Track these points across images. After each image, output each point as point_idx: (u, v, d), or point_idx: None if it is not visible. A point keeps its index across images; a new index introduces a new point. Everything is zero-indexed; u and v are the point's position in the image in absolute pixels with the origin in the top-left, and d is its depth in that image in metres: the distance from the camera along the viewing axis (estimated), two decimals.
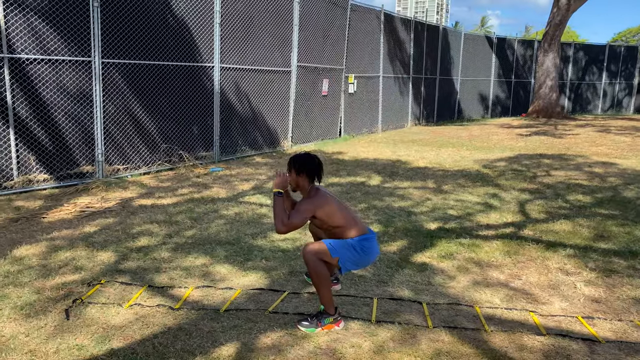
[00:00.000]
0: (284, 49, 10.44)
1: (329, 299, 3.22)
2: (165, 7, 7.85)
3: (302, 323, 3.22)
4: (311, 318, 3.23)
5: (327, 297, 3.22)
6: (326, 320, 3.21)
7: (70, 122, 6.86)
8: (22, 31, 6.23)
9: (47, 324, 3.17)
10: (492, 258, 4.63)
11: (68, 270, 4.05)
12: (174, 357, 2.82)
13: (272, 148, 10.55)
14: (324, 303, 3.22)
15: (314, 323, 3.20)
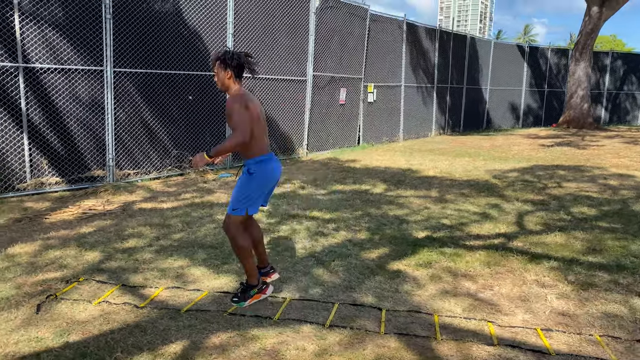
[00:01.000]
0: (300, 58, 10.61)
1: (251, 270, 3.38)
2: (177, 19, 8.14)
3: (233, 299, 3.43)
4: (240, 293, 3.41)
5: (249, 268, 3.38)
6: (252, 292, 3.42)
7: (82, 128, 7.20)
8: (36, 42, 6.61)
9: (16, 317, 3.38)
10: (470, 268, 4.62)
11: (53, 268, 4.28)
12: (122, 352, 2.97)
13: (287, 155, 10.70)
14: (247, 274, 3.39)
15: (241, 297, 3.39)
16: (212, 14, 8.64)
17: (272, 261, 4.60)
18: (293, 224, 5.83)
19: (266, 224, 5.82)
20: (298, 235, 5.42)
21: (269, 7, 9.69)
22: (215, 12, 8.69)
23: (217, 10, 8.73)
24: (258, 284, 3.39)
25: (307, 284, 4.12)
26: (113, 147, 7.48)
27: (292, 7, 10.22)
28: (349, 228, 5.75)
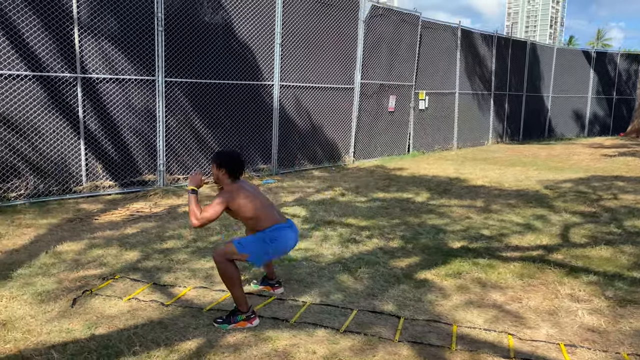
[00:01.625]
0: (347, 66, 10.69)
1: (240, 298, 3.43)
2: (226, 30, 8.44)
3: (217, 320, 3.47)
4: (226, 316, 3.46)
5: (238, 296, 3.44)
6: (239, 317, 3.43)
7: (134, 135, 7.59)
8: (93, 53, 7.06)
9: (53, 310, 3.64)
10: (501, 280, 4.49)
11: (93, 265, 4.56)
12: (140, 346, 3.13)
13: (333, 162, 10.79)
14: (236, 302, 3.44)
15: (227, 320, 3.43)
16: (260, 25, 8.89)
17: (299, 266, 4.68)
18: (327, 230, 5.89)
19: (300, 229, 5.90)
20: (330, 241, 5.47)
21: (316, 18, 9.84)
22: (263, 23, 8.94)
23: (266, 21, 8.97)
24: (247, 311, 3.47)
25: (329, 290, 4.16)
26: (164, 153, 7.83)
27: (340, 16, 10.33)
28: (383, 236, 5.74)
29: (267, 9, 8.97)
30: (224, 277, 3.46)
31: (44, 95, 6.72)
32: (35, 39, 6.54)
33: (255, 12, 8.80)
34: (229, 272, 3.42)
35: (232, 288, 3.46)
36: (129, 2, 7.23)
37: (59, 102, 6.86)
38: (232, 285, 3.45)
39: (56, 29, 6.69)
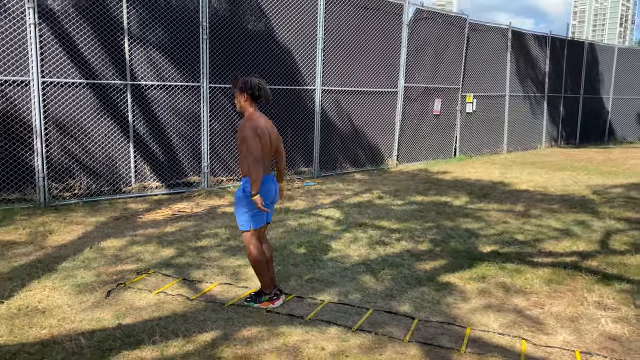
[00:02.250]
0: (391, 70, 10.71)
1: (265, 281, 3.74)
2: (269, 37, 8.69)
3: (246, 299, 3.82)
4: (254, 295, 3.80)
5: (264, 279, 3.75)
6: (263, 298, 3.77)
7: (180, 138, 7.96)
8: (142, 62, 7.47)
9: (88, 300, 3.93)
10: (526, 285, 4.43)
11: (131, 260, 4.85)
12: (160, 336, 3.34)
13: (375, 166, 10.82)
14: (261, 285, 3.77)
15: (254, 299, 3.77)
16: (302, 31, 9.08)
17: (324, 266, 4.79)
18: (357, 232, 5.97)
19: (332, 230, 6.02)
20: (358, 242, 5.55)
21: (358, 22, 9.93)
22: (305, 30, 9.12)
23: (307, 27, 9.15)
24: (270, 293, 3.77)
25: (349, 289, 4.25)
26: (208, 156, 8.16)
27: (383, 20, 10.37)
28: (413, 239, 5.76)
29: (308, 15, 9.16)
30: (251, 263, 3.78)
31: (97, 102, 7.18)
32: (89, 49, 7.01)
33: (297, 19, 9.00)
34: (256, 255, 3.72)
35: (258, 271, 3.77)
36: (175, 13, 7.61)
37: (110, 108, 7.30)
38: (257, 269, 3.76)
39: (108, 40, 7.13)
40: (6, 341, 3.25)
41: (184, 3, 7.68)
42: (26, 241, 5.40)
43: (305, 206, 7.27)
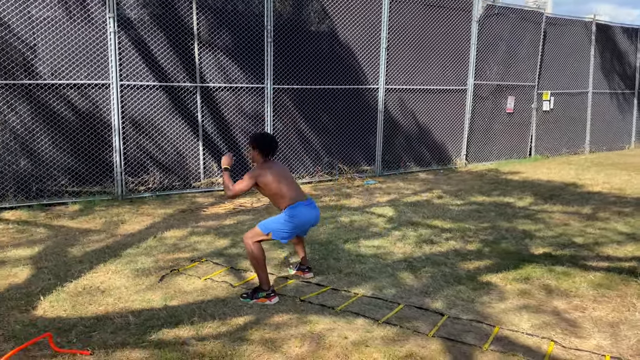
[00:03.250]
0: (459, 68, 10.54)
1: (263, 278, 3.90)
2: (332, 38, 8.89)
3: (243, 295, 3.96)
4: (250, 292, 3.93)
5: (261, 276, 3.91)
6: (260, 294, 3.90)
7: (245, 137, 8.36)
8: (210, 65, 7.93)
9: (143, 283, 4.32)
10: (572, 288, 4.30)
11: (187, 249, 5.24)
12: (198, 317, 3.64)
13: (442, 165, 10.69)
14: (259, 281, 3.92)
15: (251, 296, 3.91)
16: (365, 31, 9.19)
17: (365, 262, 4.91)
18: (407, 230, 6.01)
19: (381, 228, 6.10)
20: (405, 240, 5.60)
21: (424, 20, 9.87)
22: (368, 30, 9.23)
23: (371, 27, 9.25)
24: (268, 290, 3.93)
25: (385, 285, 4.34)
26: None
27: (451, 17, 10.22)
28: (463, 239, 5.71)
29: (372, 15, 9.25)
30: (250, 257, 3.96)
31: (169, 103, 7.74)
32: (162, 54, 7.56)
33: (361, 19, 9.12)
34: (255, 254, 3.91)
35: (257, 268, 3.95)
36: (241, 18, 8.01)
37: (181, 108, 7.84)
38: (256, 267, 3.94)
39: (179, 45, 7.66)
40: (68, 315, 3.69)
41: (249, 8, 8.07)
42: (100, 229, 5.97)
43: (360, 204, 7.39)
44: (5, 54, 6.63)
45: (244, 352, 3.16)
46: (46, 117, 6.99)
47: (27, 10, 6.70)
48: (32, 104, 6.89)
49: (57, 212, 6.74)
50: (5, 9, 6.56)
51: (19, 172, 6.98)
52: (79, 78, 7.08)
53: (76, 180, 7.31)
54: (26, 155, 6.98)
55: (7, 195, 6.92)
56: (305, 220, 4.08)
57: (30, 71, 6.81)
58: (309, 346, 3.26)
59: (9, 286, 4.18)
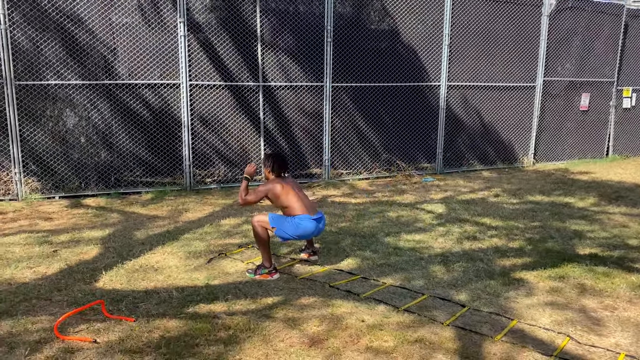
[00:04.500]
0: (526, 64, 10.26)
1: (266, 256, 4.36)
2: (392, 36, 9.01)
3: (248, 270, 4.46)
4: (255, 269, 4.42)
5: (264, 254, 4.37)
6: (263, 270, 4.37)
7: (304, 133, 8.71)
8: (272, 65, 8.35)
9: (192, 264, 4.76)
10: (608, 288, 4.22)
11: (238, 236, 5.64)
12: (232, 295, 3.99)
13: (507, 164, 10.47)
14: (263, 258, 4.40)
15: (254, 272, 4.38)
16: (426, 28, 9.22)
17: (402, 254, 5.06)
18: (453, 226, 6.06)
19: (427, 223, 6.20)
20: (448, 236, 5.67)
21: (489, 15, 9.72)
22: (430, 27, 9.25)
23: (433, 24, 9.26)
24: (269, 267, 4.41)
25: (414, 276, 4.48)
26: (329, 150, 8.80)
27: (518, 12, 9.97)
28: (507, 236, 5.69)
29: (434, 13, 9.26)
30: (256, 237, 4.44)
31: (233, 101, 8.24)
32: (228, 55, 8.07)
33: (422, 17, 9.16)
34: (260, 234, 4.40)
35: (261, 247, 4.43)
36: (302, 19, 8.35)
37: (244, 106, 8.32)
38: (261, 245, 4.43)
39: (243, 46, 8.13)
40: (123, 288, 4.18)
41: (310, 9, 8.39)
42: (166, 216, 6.54)
43: (412, 200, 7.49)
44: (89, 57, 7.41)
45: (266, 327, 3.47)
46: (124, 114, 7.71)
47: (109, 17, 7.43)
48: (111, 102, 7.63)
49: (132, 200, 7.44)
50: (90, 16, 7.33)
51: (100, 163, 7.76)
52: (153, 78, 7.75)
53: (150, 172, 8.00)
54: (106, 148, 7.75)
55: (90, 184, 7.73)
56: (308, 233, 4.49)
57: (110, 72, 7.56)
58: (326, 326, 3.51)
59: (78, 262, 4.78)
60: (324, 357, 3.10)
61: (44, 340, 3.20)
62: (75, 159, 7.62)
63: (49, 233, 5.69)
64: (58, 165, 7.53)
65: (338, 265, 4.76)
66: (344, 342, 3.28)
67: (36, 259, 4.81)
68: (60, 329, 3.32)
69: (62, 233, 5.70)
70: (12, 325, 3.42)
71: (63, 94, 7.40)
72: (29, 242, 5.35)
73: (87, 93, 7.51)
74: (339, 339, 3.32)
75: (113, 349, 3.11)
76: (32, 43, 7.09)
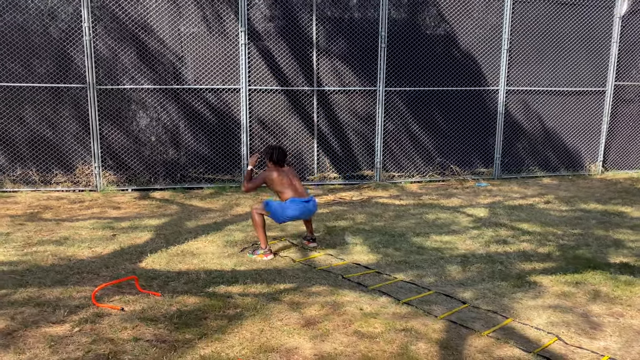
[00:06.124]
0: (595, 68, 9.86)
1: (262, 239, 4.96)
2: (448, 41, 9.07)
3: (248, 252, 5.15)
4: (253, 250, 5.16)
5: (261, 237, 5.07)
6: (259, 251, 4.99)
7: (356, 136, 9.01)
8: (326, 70, 8.73)
9: (227, 252, 5.24)
10: (625, 296, 4.17)
11: (276, 230, 6.05)
12: (251, 280, 4.40)
13: (572, 171, 10.11)
14: (259, 240, 5.01)
15: (252, 252, 5.13)
16: (484, 33, 9.18)
17: (423, 253, 5.23)
18: (487, 230, 6.10)
19: (462, 226, 6.28)
20: (478, 239, 5.74)
21: (553, 18, 9.47)
22: (488, 31, 9.20)
23: (491, 29, 9.21)
24: (265, 249, 5.05)
25: (427, 274, 4.65)
26: (381, 152, 9.03)
27: (586, 15, 9.61)
28: (540, 242, 5.66)
29: (493, 17, 9.20)
30: (253, 222, 5.06)
31: (289, 104, 8.72)
32: (284, 61, 8.57)
33: (480, 21, 9.14)
34: (257, 221, 5.04)
35: (258, 231, 5.05)
36: (357, 26, 8.67)
37: (299, 110, 8.77)
38: (257, 229, 5.06)
39: (299, 53, 8.59)
40: (160, 268, 4.74)
41: (365, 16, 8.69)
42: (218, 209, 7.12)
43: (457, 204, 7.55)
44: (160, 64, 8.21)
45: (271, 308, 3.84)
46: (189, 116, 8.44)
47: (177, 28, 8.19)
48: (178, 105, 8.39)
49: (193, 194, 8.13)
50: (161, 27, 8.11)
51: (168, 160, 8.54)
52: (216, 83, 8.41)
53: (211, 169, 8.67)
54: (173, 146, 8.52)
55: (159, 178, 8.53)
56: (297, 213, 5.08)
57: (178, 77, 8.31)
58: (325, 311, 3.81)
59: (130, 245, 5.42)
60: (311, 336, 3.41)
61: (82, 306, 3.79)
62: (146, 156, 8.45)
63: (114, 220, 6.45)
64: (131, 161, 8.40)
65: (358, 259, 5.03)
66: (335, 326, 3.57)
67: (97, 241, 5.53)
68: (97, 298, 3.90)
69: (125, 220, 6.43)
70: (61, 292, 4.06)
71: (137, 97, 8.25)
72: (95, 226, 6.11)
73: (157, 96, 8.31)
74: (332, 323, 3.61)
75: (134, 317, 3.63)
76: (111, 52, 7.99)
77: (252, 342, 3.31)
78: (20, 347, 3.16)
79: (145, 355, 3.11)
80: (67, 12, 7.80)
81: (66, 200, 7.56)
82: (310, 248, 5.37)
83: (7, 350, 3.11)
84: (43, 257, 4.96)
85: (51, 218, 6.53)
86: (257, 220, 5.06)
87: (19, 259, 4.87)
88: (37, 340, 3.25)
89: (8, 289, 4.08)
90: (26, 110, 7.98)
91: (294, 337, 3.40)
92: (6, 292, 4.01)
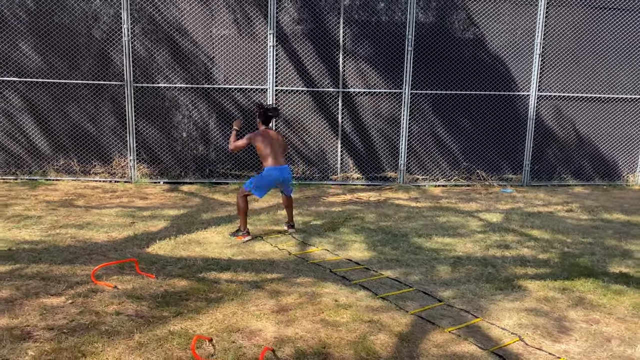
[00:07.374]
0: (634, 74, 9.49)
1: (242, 222, 5.47)
2: (477, 45, 9.01)
3: (230, 234, 5.69)
4: (234, 232, 5.68)
5: (242, 220, 5.59)
6: (239, 233, 5.46)
7: (381, 138, 9.11)
8: (352, 72, 8.90)
9: (231, 242, 5.51)
10: (609, 305, 4.12)
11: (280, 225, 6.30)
12: (241, 268, 4.65)
13: (608, 181, 9.77)
14: (240, 224, 5.49)
15: (234, 234, 5.65)
16: (515, 37, 9.06)
17: (419, 254, 5.31)
18: (493, 234, 6.08)
19: (469, 230, 6.28)
20: (479, 243, 5.75)
21: (590, 23, 9.20)
22: (519, 36, 9.07)
23: (522, 34, 9.07)
24: (244, 231, 5.59)
25: (414, 272, 4.75)
26: (405, 155, 9.09)
27: (625, 19, 9.26)
28: (543, 248, 5.60)
29: (525, 21, 9.06)
30: (237, 207, 5.47)
31: (314, 105, 8.95)
32: (311, 63, 8.81)
33: (511, 26, 9.03)
34: (240, 205, 5.53)
35: (240, 214, 5.53)
36: (383, 29, 8.78)
37: (324, 110, 8.98)
38: (240, 213, 5.57)
39: (326, 55, 8.80)
40: (164, 254, 5.08)
41: (392, 19, 8.79)
42: (234, 203, 7.43)
43: (474, 208, 7.52)
44: (192, 64, 8.65)
45: (251, 294, 4.07)
46: (219, 114, 8.83)
47: (210, 30, 8.60)
48: (209, 103, 8.80)
49: (218, 189, 8.51)
50: (194, 29, 8.55)
51: (198, 156, 8.97)
52: (244, 83, 8.76)
53: (238, 166, 9.03)
54: (203, 143, 8.95)
55: (188, 173, 8.98)
56: (272, 180, 5.57)
57: (209, 77, 8.72)
58: (301, 300, 4.00)
59: (144, 232, 5.81)
60: (278, 321, 3.62)
61: (81, 282, 4.16)
62: (178, 151, 8.92)
63: (137, 209, 6.89)
64: (164, 155, 8.89)
65: (352, 256, 5.18)
66: (305, 314, 3.76)
67: (115, 227, 5.96)
68: (97, 276, 4.27)
69: (147, 210, 6.86)
70: (67, 269, 4.46)
71: (170, 95, 8.73)
72: (119, 214, 6.57)
73: (189, 95, 8.75)
74: (303, 311, 3.80)
75: (123, 294, 3.96)
76: (147, 51, 8.50)
77: (222, 323, 3.55)
78: (15, 312, 3.55)
79: (121, 327, 3.42)
80: (109, 14, 8.37)
81: (100, 190, 8.12)
82: (289, 233, 5.87)
83: (2, 315, 3.51)
84: (63, 238, 5.43)
85: (82, 205, 7.07)
86: (241, 205, 5.52)
87: (40, 239, 5.36)
88: (32, 309, 3.63)
89: (22, 264, 4.53)
90: (69, 105, 8.63)
91: (261, 320, 3.62)
92: (20, 267, 4.46)
